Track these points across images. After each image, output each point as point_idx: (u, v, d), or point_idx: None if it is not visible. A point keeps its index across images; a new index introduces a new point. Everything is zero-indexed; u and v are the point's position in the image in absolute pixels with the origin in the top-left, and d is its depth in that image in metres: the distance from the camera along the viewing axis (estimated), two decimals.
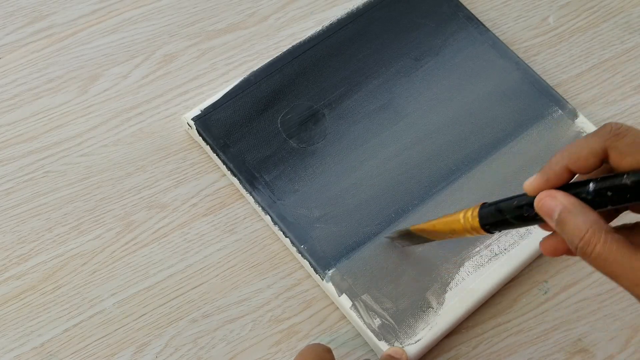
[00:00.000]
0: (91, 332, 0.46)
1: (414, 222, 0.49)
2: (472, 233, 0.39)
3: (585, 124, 0.53)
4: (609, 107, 0.56)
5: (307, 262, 0.48)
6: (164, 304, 0.47)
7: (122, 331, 0.47)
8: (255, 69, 0.54)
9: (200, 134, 0.51)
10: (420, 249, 0.48)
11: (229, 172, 0.51)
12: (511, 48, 0.56)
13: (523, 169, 0.51)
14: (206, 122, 0.52)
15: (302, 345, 0.47)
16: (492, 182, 0.50)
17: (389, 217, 0.49)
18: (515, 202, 0.35)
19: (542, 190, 0.33)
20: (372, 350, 0.47)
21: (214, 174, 0.52)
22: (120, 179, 0.51)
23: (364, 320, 0.46)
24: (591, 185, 0.32)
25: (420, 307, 0.46)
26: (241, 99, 0.53)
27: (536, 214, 0.33)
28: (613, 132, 0.32)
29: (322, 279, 0.47)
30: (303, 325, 0.47)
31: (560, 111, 0.53)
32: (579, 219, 0.31)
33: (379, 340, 0.45)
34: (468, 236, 0.40)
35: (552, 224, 0.32)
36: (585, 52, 0.58)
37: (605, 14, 0.60)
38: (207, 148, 0.52)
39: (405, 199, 0.50)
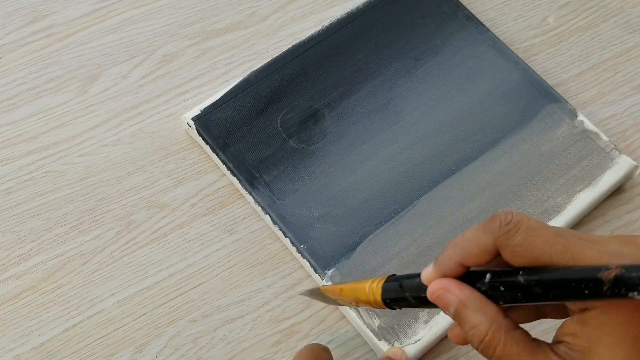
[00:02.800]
0: (91, 332, 0.46)
1: (413, 219, 0.49)
2: (373, 305, 0.37)
3: (585, 124, 0.53)
4: (609, 107, 0.56)
5: (307, 262, 0.48)
6: (164, 304, 0.47)
7: (122, 331, 0.46)
8: (255, 68, 0.54)
9: (200, 134, 0.51)
10: (422, 248, 0.48)
11: (228, 172, 0.51)
12: (511, 48, 0.56)
13: (522, 169, 0.51)
14: (206, 122, 0.52)
15: (301, 345, 0.47)
16: (491, 180, 0.50)
17: (389, 217, 0.49)
18: (418, 280, 0.34)
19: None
20: (371, 350, 0.47)
21: (214, 174, 0.52)
22: (120, 179, 0.51)
23: (363, 320, 0.46)
24: (487, 277, 0.31)
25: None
26: (241, 99, 0.53)
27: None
28: (502, 230, 0.30)
29: (322, 279, 0.47)
30: (303, 325, 0.47)
31: (559, 111, 0.53)
32: (477, 316, 0.30)
33: (379, 340, 0.45)
34: (368, 306, 0.38)
35: (450, 316, 0.31)
36: (585, 52, 0.58)
37: (605, 14, 0.60)
38: (207, 148, 0.52)
39: (405, 199, 0.50)
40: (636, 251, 0.29)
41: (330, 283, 0.47)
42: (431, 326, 0.46)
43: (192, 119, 0.52)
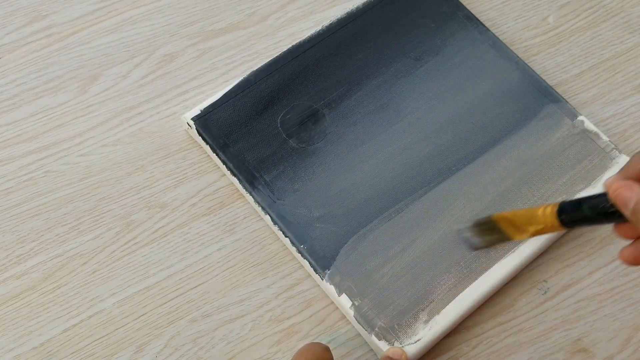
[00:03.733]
0: (91, 332, 0.46)
1: (414, 218, 0.49)
2: (544, 228, 0.39)
3: (585, 124, 0.53)
4: (609, 107, 0.56)
5: (307, 262, 0.48)
6: (164, 303, 0.47)
7: (122, 331, 0.47)
8: (255, 68, 0.54)
9: (200, 134, 0.51)
10: (421, 249, 0.48)
11: (228, 171, 0.51)
12: (511, 48, 0.56)
13: (522, 169, 0.51)
14: (206, 122, 0.52)
15: (301, 345, 0.47)
16: (491, 180, 0.50)
17: (389, 217, 0.49)
18: (595, 196, 0.36)
19: None
20: (371, 350, 0.47)
21: (214, 174, 0.52)
22: (119, 179, 0.51)
23: (363, 320, 0.46)
24: None
25: (420, 306, 0.46)
26: (241, 99, 0.53)
27: (612, 208, 0.34)
28: None
29: (322, 279, 0.47)
30: (303, 325, 0.47)
31: (559, 111, 0.53)
32: None
33: (379, 340, 0.45)
34: (543, 232, 0.39)
35: (627, 213, 0.33)
36: (585, 52, 0.58)
37: (605, 14, 0.60)
38: (207, 148, 0.52)
39: (405, 199, 0.50)
40: None
41: (329, 283, 0.47)
42: (431, 326, 0.46)
43: (192, 119, 0.52)
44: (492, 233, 0.43)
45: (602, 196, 0.36)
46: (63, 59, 0.56)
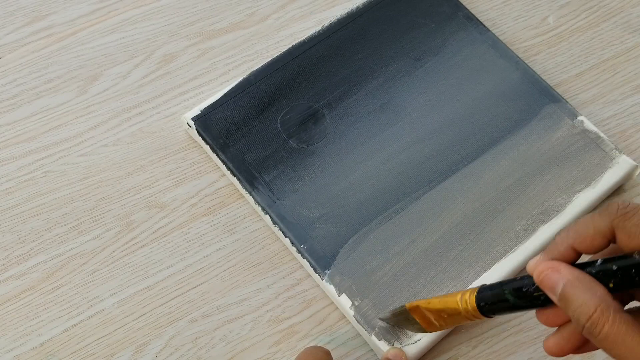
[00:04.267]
0: (91, 332, 0.46)
1: (413, 218, 0.49)
2: (465, 315, 0.37)
3: (585, 124, 0.53)
4: (609, 107, 0.56)
5: (307, 262, 0.48)
6: (164, 303, 0.47)
7: (122, 331, 0.47)
8: (255, 68, 0.54)
9: (200, 134, 0.51)
10: (421, 249, 0.48)
11: (228, 172, 0.51)
12: (511, 48, 0.56)
13: (522, 169, 0.51)
14: (206, 122, 0.52)
15: (302, 345, 0.47)
16: (491, 180, 0.50)
17: (389, 217, 0.49)
18: (517, 278, 0.34)
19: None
20: (371, 350, 0.47)
21: (214, 174, 0.52)
22: (119, 179, 0.51)
23: (363, 320, 0.46)
24: (599, 261, 0.30)
25: None
26: (241, 99, 0.53)
27: (537, 292, 0.32)
28: (620, 212, 0.31)
29: (322, 279, 0.47)
30: (303, 325, 0.47)
31: (559, 111, 0.53)
32: (585, 295, 0.30)
33: (379, 340, 0.45)
34: (463, 323, 0.38)
35: (554, 298, 0.31)
36: (585, 52, 0.58)
37: (605, 14, 0.60)
38: (207, 148, 0.52)
39: (405, 199, 0.50)
40: None
41: (329, 283, 0.47)
42: None
43: (192, 119, 0.52)
44: (409, 323, 0.43)
45: (525, 279, 0.33)
46: (63, 59, 0.56)
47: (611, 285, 0.30)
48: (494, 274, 0.47)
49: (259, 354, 0.46)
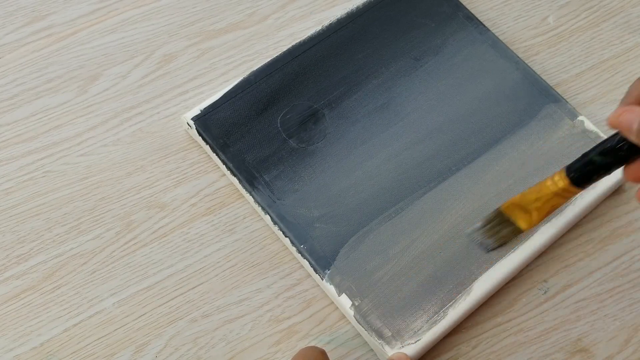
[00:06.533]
0: (91, 332, 0.46)
1: (414, 218, 0.49)
2: (562, 193, 0.39)
3: (585, 124, 0.53)
4: (609, 107, 0.56)
5: (307, 262, 0.48)
6: (164, 303, 0.47)
7: (122, 331, 0.47)
8: (255, 68, 0.54)
9: (200, 134, 0.51)
10: (421, 249, 0.48)
11: (228, 171, 0.51)
12: (511, 48, 0.56)
13: (522, 168, 0.51)
14: (206, 122, 0.52)
15: (301, 345, 0.47)
16: (491, 180, 0.50)
17: (389, 217, 0.49)
18: (599, 143, 0.36)
19: None
20: (371, 350, 0.47)
21: (214, 174, 0.52)
22: (119, 179, 0.51)
23: (363, 320, 0.46)
24: None
25: (420, 306, 0.46)
26: (241, 99, 0.53)
27: (619, 143, 0.34)
28: None
29: (322, 279, 0.47)
30: (303, 325, 0.47)
31: (559, 111, 0.53)
32: None
33: (379, 339, 0.45)
34: (559, 205, 0.39)
35: (632, 137, 0.33)
36: (585, 52, 0.58)
37: (605, 13, 0.60)
38: (207, 148, 0.52)
39: (405, 199, 0.50)
40: None
41: (329, 283, 0.47)
42: (431, 326, 0.46)
43: (192, 119, 0.52)
44: (503, 227, 0.43)
45: (607, 141, 0.35)
46: (63, 59, 0.56)
47: None
48: (494, 274, 0.47)
49: (259, 354, 0.46)
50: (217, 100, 0.52)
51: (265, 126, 0.52)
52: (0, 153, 0.52)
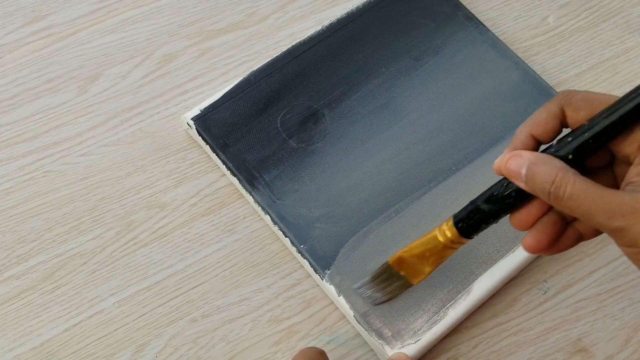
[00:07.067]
0: (91, 332, 0.46)
1: (413, 218, 0.49)
2: (450, 244, 0.38)
3: None
4: None
5: (307, 262, 0.48)
6: (164, 303, 0.47)
7: (122, 331, 0.47)
8: (254, 68, 0.54)
9: (200, 134, 0.51)
10: None
11: (228, 171, 0.51)
12: (511, 48, 0.56)
13: None
14: (206, 122, 0.52)
15: (301, 345, 0.47)
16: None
17: (389, 217, 0.49)
18: (486, 190, 0.36)
19: None
20: (371, 350, 0.47)
21: (214, 174, 0.52)
22: (120, 179, 0.51)
23: (363, 320, 0.46)
24: (554, 141, 0.34)
25: (420, 306, 0.46)
26: (241, 99, 0.53)
27: (507, 190, 0.34)
28: (566, 94, 0.34)
29: (322, 279, 0.47)
30: (303, 325, 0.47)
31: None
32: (547, 167, 0.32)
33: (379, 339, 0.45)
34: (447, 256, 0.39)
35: (522, 184, 0.33)
36: (585, 52, 0.58)
37: (605, 13, 0.60)
38: (207, 148, 0.52)
39: (405, 199, 0.50)
40: None
41: (329, 283, 0.47)
42: (431, 326, 0.46)
43: (192, 119, 0.52)
44: (392, 281, 0.43)
45: (493, 187, 0.35)
46: (63, 59, 0.56)
47: (570, 157, 0.33)
48: (494, 274, 0.47)
49: (259, 354, 0.46)
50: (217, 100, 0.52)
51: (265, 126, 0.52)
52: (0, 153, 0.52)
